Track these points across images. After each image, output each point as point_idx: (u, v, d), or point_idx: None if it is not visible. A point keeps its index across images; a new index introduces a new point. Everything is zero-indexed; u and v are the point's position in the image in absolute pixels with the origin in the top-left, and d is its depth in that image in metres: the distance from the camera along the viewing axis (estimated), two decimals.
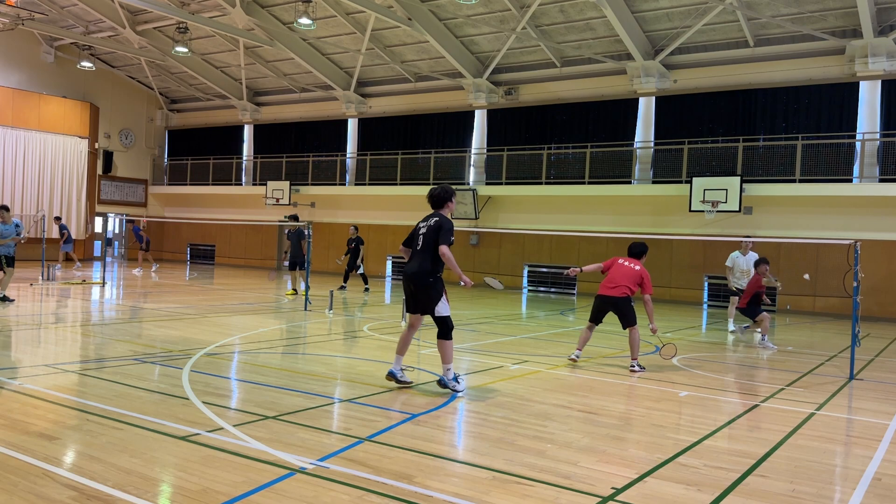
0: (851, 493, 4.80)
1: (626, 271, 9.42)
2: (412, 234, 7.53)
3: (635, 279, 9.35)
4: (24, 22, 25.48)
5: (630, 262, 9.53)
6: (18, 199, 28.87)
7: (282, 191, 28.46)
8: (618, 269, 9.49)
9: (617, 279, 9.37)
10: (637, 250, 9.67)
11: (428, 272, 7.28)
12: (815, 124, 20.18)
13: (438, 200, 7.53)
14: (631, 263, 9.49)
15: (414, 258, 7.43)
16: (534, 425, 6.17)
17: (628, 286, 9.33)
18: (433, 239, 7.24)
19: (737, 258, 13.90)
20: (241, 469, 4.69)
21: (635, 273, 9.38)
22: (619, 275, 9.40)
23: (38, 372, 7.62)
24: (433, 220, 7.38)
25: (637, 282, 9.34)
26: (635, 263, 9.51)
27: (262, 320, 13.15)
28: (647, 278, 9.36)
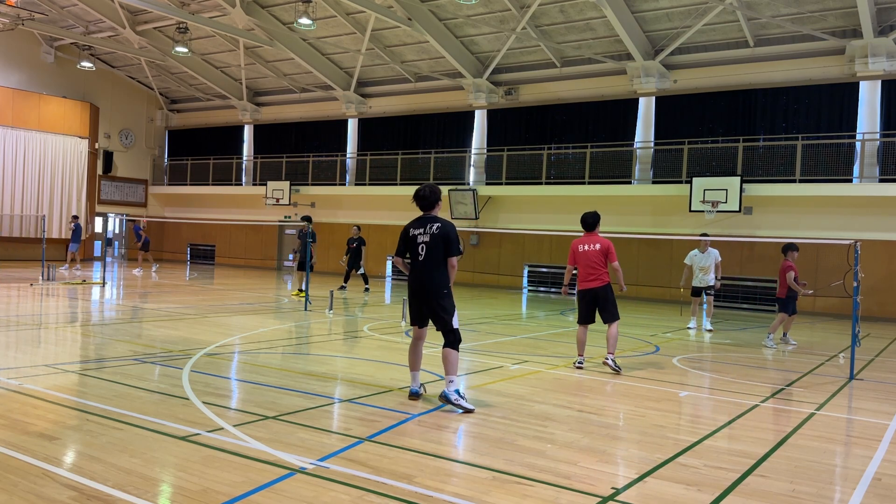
0: (851, 493, 4.80)
1: (590, 256, 9.08)
2: (407, 241, 6.96)
3: (601, 259, 9.06)
4: (24, 22, 25.48)
5: (588, 242, 9.16)
6: (18, 199, 28.88)
7: (282, 191, 28.46)
8: (582, 259, 9.15)
9: (587, 269, 9.09)
10: (591, 221, 9.29)
11: (444, 284, 6.84)
12: (815, 124, 20.18)
13: (429, 202, 6.95)
14: (590, 245, 9.12)
15: (419, 271, 6.87)
16: (534, 425, 6.17)
17: (601, 271, 9.07)
18: (442, 249, 6.80)
19: (694, 256, 14.04)
20: (241, 469, 4.69)
21: (598, 253, 9.06)
22: (586, 263, 9.10)
23: (38, 372, 7.62)
24: (435, 227, 6.83)
25: (603, 261, 9.06)
26: (593, 241, 9.14)
27: (262, 320, 13.15)
28: (611, 249, 9.07)
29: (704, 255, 13.94)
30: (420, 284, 6.87)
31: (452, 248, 6.79)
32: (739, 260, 20.75)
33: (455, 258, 6.84)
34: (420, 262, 6.86)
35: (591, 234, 9.21)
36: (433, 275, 6.81)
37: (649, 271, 22.04)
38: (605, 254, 9.04)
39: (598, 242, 9.09)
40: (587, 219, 9.27)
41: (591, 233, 9.23)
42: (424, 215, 6.99)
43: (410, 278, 6.99)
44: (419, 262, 6.86)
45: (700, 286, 14.11)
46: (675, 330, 14.41)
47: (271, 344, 10.41)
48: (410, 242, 6.93)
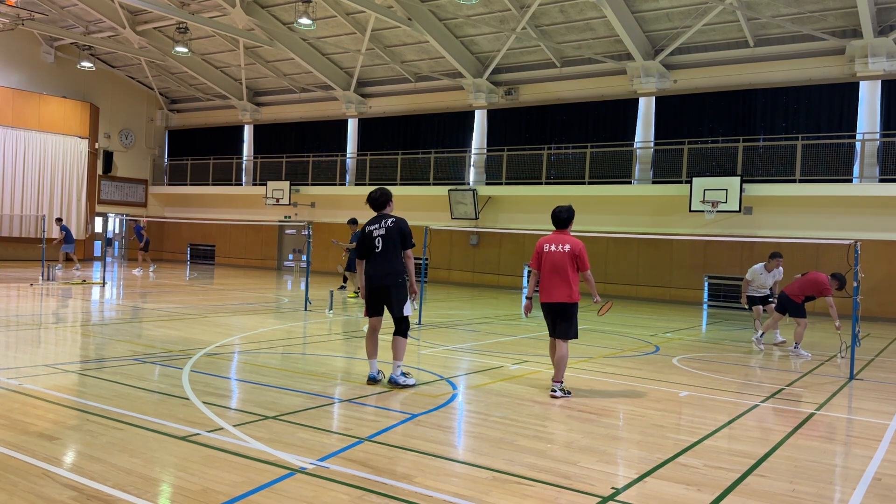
0: (851, 493, 4.81)
1: (557, 260, 7.46)
2: (364, 238, 7.57)
3: (569, 263, 7.43)
4: (24, 22, 25.48)
5: (557, 242, 7.56)
6: (18, 199, 28.88)
7: (282, 191, 28.47)
8: (547, 261, 7.53)
9: (551, 275, 7.49)
10: (564, 216, 7.71)
11: (399, 273, 7.48)
12: (815, 124, 20.18)
13: (380, 203, 7.67)
14: (559, 245, 7.51)
15: (379, 261, 7.46)
16: (534, 425, 6.17)
17: (568, 280, 7.41)
18: (397, 241, 7.45)
19: (760, 274, 12.68)
20: (241, 469, 4.69)
21: (566, 256, 7.43)
22: (551, 268, 7.49)
23: (38, 372, 7.62)
24: (389, 222, 7.52)
25: (572, 267, 7.44)
26: (563, 241, 7.54)
27: (262, 320, 13.15)
28: (582, 253, 7.45)
29: (769, 275, 12.70)
30: (376, 274, 7.48)
31: (407, 241, 7.50)
32: (739, 260, 20.74)
33: (410, 250, 7.53)
34: (377, 253, 7.47)
35: (562, 232, 7.68)
36: (388, 265, 7.45)
37: (649, 271, 22.06)
38: (574, 257, 7.43)
39: (567, 243, 7.50)
40: (559, 213, 7.70)
41: (562, 231, 7.70)
42: (379, 214, 7.67)
43: (368, 270, 7.57)
44: (376, 253, 7.48)
45: (758, 296, 12.86)
46: (676, 330, 14.41)
47: (271, 344, 10.41)
48: (367, 238, 7.55)
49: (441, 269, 25.58)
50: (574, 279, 7.41)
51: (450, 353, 10.10)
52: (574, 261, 7.43)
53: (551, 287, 7.45)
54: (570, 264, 7.41)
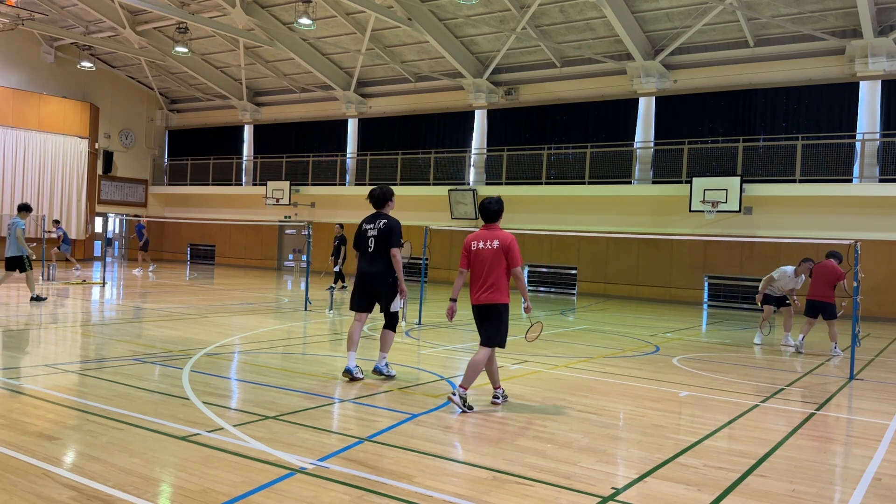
0: (851, 493, 4.80)
1: (485, 257, 6.77)
2: (359, 236, 7.91)
3: (498, 260, 6.72)
4: (24, 22, 25.48)
5: (485, 238, 6.83)
6: (18, 199, 28.82)
7: (282, 191, 28.47)
8: (476, 259, 6.84)
9: (479, 275, 6.82)
10: (493, 209, 6.93)
11: (389, 272, 7.78)
12: (815, 124, 20.18)
13: (380, 201, 7.94)
14: (487, 241, 6.80)
15: (369, 260, 7.81)
16: (534, 425, 6.17)
17: (494, 282, 6.74)
18: (386, 242, 7.72)
19: (789, 277, 12.36)
20: (241, 469, 4.69)
21: (495, 253, 6.73)
22: (479, 267, 6.81)
23: (38, 372, 7.62)
24: (382, 223, 7.79)
25: (502, 264, 6.73)
26: (492, 237, 6.82)
27: (262, 320, 13.15)
28: (513, 248, 6.73)
29: (796, 280, 12.39)
30: (367, 271, 7.81)
31: (393, 241, 7.71)
32: (739, 260, 20.75)
33: (396, 249, 7.70)
34: (369, 252, 7.81)
35: (491, 227, 6.92)
36: (379, 263, 7.76)
37: (649, 271, 22.06)
38: (504, 253, 6.72)
39: (496, 239, 6.78)
40: (488, 205, 6.93)
41: (492, 225, 6.93)
42: (376, 212, 7.93)
43: (360, 266, 7.90)
44: (368, 252, 7.82)
45: (775, 296, 12.69)
46: (676, 330, 14.41)
47: (271, 344, 10.41)
48: (362, 236, 7.88)
49: (441, 269, 25.58)
50: (504, 278, 6.75)
51: (450, 353, 10.10)
52: (502, 256, 6.73)
53: (479, 287, 6.80)
54: (500, 262, 6.73)
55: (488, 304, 6.76)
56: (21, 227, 14.18)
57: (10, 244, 14.23)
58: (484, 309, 6.83)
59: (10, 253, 14.22)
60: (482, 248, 6.81)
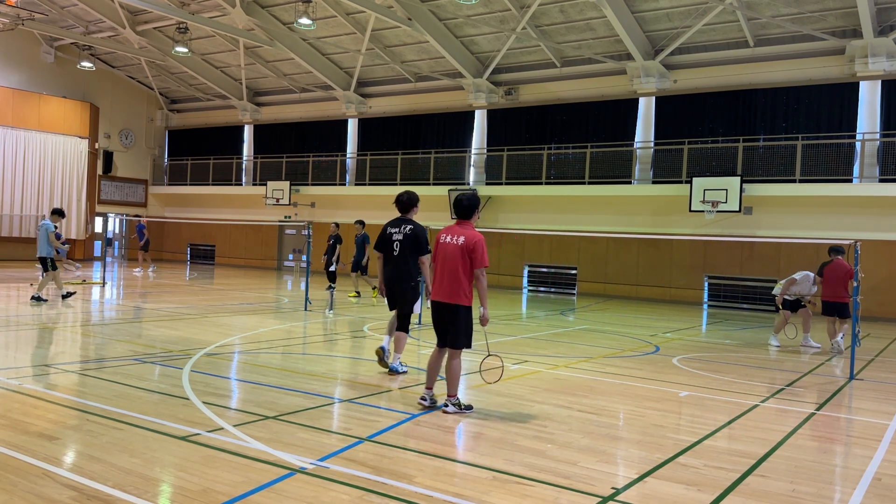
0: (851, 493, 4.81)
1: (449, 253, 6.50)
2: (384, 239, 8.10)
3: (460, 259, 6.44)
4: (24, 22, 25.48)
5: (454, 233, 6.57)
6: (18, 199, 28.88)
7: (282, 191, 28.47)
8: (440, 253, 6.59)
9: (441, 271, 6.57)
10: (465, 204, 6.65)
11: (411, 277, 8.12)
12: (815, 124, 20.18)
13: (407, 205, 8.05)
14: (455, 236, 6.53)
15: (394, 263, 8.07)
16: (534, 425, 6.17)
17: (456, 280, 6.46)
18: (412, 248, 7.98)
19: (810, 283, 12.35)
20: (242, 469, 4.69)
21: (459, 250, 6.45)
22: (442, 263, 6.56)
23: (38, 372, 7.62)
24: (408, 229, 8.01)
25: (464, 263, 6.44)
26: (461, 232, 6.55)
27: (262, 320, 13.15)
28: (478, 248, 6.43)
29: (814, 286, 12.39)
30: (392, 277, 8.11)
31: (422, 249, 7.99)
32: (739, 260, 20.75)
33: (425, 256, 7.93)
34: (394, 256, 8.05)
35: (464, 223, 6.65)
36: (402, 268, 8.05)
37: (649, 271, 22.06)
38: (468, 252, 6.43)
39: (463, 235, 6.50)
40: (461, 201, 6.66)
41: (464, 222, 6.66)
42: (401, 217, 8.11)
43: (385, 270, 8.16)
44: (393, 256, 8.06)
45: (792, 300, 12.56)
46: (676, 330, 14.41)
47: (271, 344, 10.41)
48: (387, 239, 8.08)
49: None
50: (466, 279, 6.46)
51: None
52: (467, 253, 6.41)
53: (440, 283, 6.55)
54: (462, 260, 6.42)
55: (447, 303, 6.51)
56: (51, 230, 14.74)
57: (41, 244, 14.77)
58: (442, 307, 6.56)
59: (39, 253, 14.84)
60: (448, 243, 6.56)
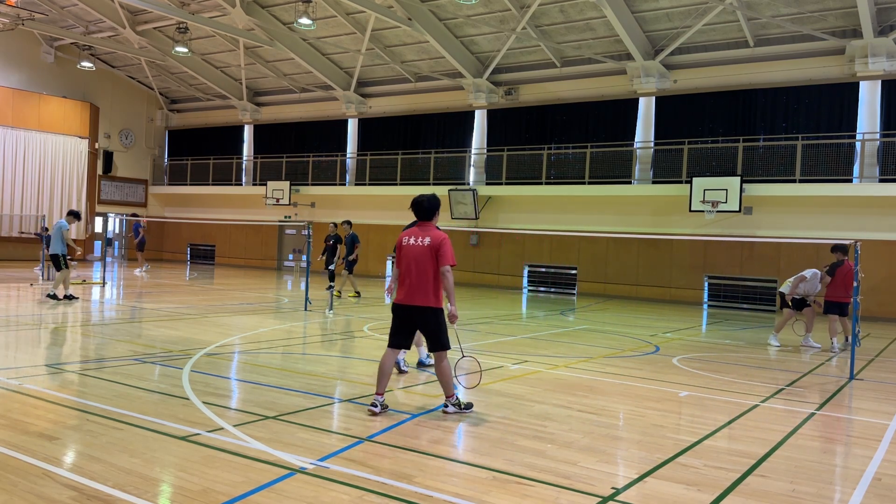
0: (851, 493, 4.81)
1: (415, 255, 6.43)
2: None
3: (429, 260, 6.39)
4: (24, 22, 25.48)
5: (418, 234, 6.52)
6: (18, 199, 28.88)
7: (282, 191, 28.47)
8: (406, 257, 6.51)
9: (408, 273, 6.47)
10: (425, 206, 6.59)
11: None
12: (815, 124, 20.18)
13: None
14: (419, 238, 6.49)
15: None
16: (534, 425, 6.17)
17: (426, 282, 6.40)
18: None
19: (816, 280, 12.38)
20: (242, 469, 4.69)
21: (426, 251, 6.40)
22: (408, 265, 6.47)
23: (38, 372, 7.62)
24: None
25: (433, 264, 6.39)
26: (424, 234, 6.50)
27: (262, 320, 13.15)
28: (444, 247, 6.39)
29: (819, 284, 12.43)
30: None
31: None
32: (739, 260, 20.76)
33: None
34: None
35: (425, 224, 6.60)
36: None
37: (649, 271, 22.06)
38: (435, 251, 6.38)
39: (428, 236, 6.46)
40: (420, 202, 6.59)
41: (426, 223, 6.61)
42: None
43: None
44: None
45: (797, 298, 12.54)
46: (675, 330, 14.41)
47: (271, 344, 10.41)
48: None
49: None
50: (435, 280, 6.39)
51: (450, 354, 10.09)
52: (433, 254, 6.36)
53: (408, 287, 6.42)
54: (431, 260, 6.36)
55: (417, 306, 6.37)
56: (66, 229, 15.17)
57: (54, 243, 15.12)
58: (413, 311, 6.42)
59: (52, 251, 15.20)
60: (413, 245, 6.46)
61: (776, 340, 12.59)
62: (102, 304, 15.37)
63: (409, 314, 6.46)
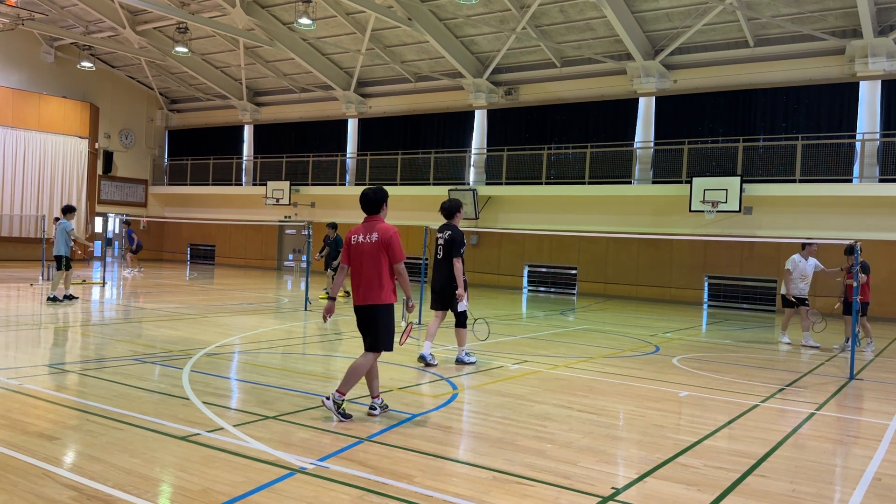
0: (851, 493, 4.81)
1: (364, 253, 6.19)
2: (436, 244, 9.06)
3: (379, 256, 6.14)
4: (24, 22, 25.48)
5: (365, 231, 6.26)
6: (18, 199, 28.88)
7: (282, 191, 28.47)
8: (355, 255, 6.24)
9: (358, 273, 6.22)
10: (372, 199, 6.36)
11: (453, 278, 8.87)
12: (815, 124, 20.18)
13: (450, 212, 9.00)
14: (367, 234, 6.22)
15: (438, 267, 9.02)
16: (534, 425, 6.17)
17: (376, 279, 6.13)
18: (449, 251, 8.85)
19: (799, 262, 12.57)
20: (241, 469, 4.69)
21: (374, 248, 6.15)
22: (358, 264, 6.21)
23: (38, 372, 7.62)
24: (448, 234, 8.90)
25: (383, 260, 6.15)
26: (372, 228, 6.24)
27: (262, 320, 13.15)
28: (393, 242, 6.16)
29: (809, 263, 12.55)
30: (437, 278, 9.00)
31: (455, 250, 8.83)
32: (739, 260, 20.75)
33: (456, 258, 8.80)
34: (438, 260, 8.98)
35: (372, 219, 6.33)
36: (446, 271, 8.91)
37: (649, 271, 22.06)
38: (384, 248, 6.16)
39: (375, 231, 6.20)
40: (367, 196, 6.38)
41: (373, 217, 6.34)
42: (446, 223, 9.03)
43: (433, 272, 9.10)
44: (438, 260, 8.99)
45: (799, 296, 12.61)
46: (675, 330, 14.41)
47: (271, 344, 10.41)
48: (434, 244, 9.07)
49: None
50: (386, 275, 6.16)
51: (450, 354, 10.09)
52: (382, 251, 6.14)
53: (359, 286, 6.21)
54: (381, 257, 6.13)
55: (368, 304, 6.16)
56: (69, 228, 15.15)
57: (58, 244, 15.02)
58: (364, 310, 6.21)
59: (56, 252, 15.08)
60: (362, 243, 6.20)
61: (786, 338, 12.84)
62: (102, 304, 15.37)
63: (363, 313, 6.25)
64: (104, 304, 15.42)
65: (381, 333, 6.17)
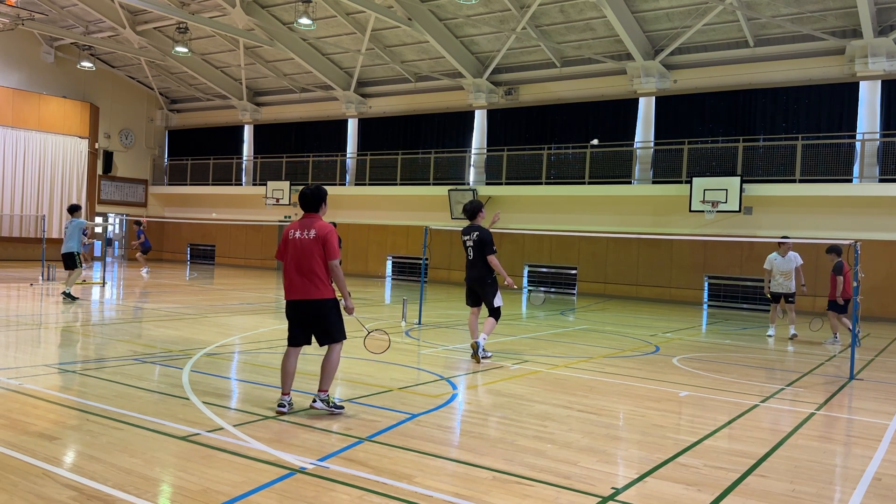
0: (851, 493, 4.81)
1: (302, 249, 6.22)
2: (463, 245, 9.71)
3: (316, 252, 6.19)
4: (24, 22, 25.48)
5: (303, 227, 6.29)
6: (18, 199, 28.89)
7: (282, 191, 28.48)
8: (292, 251, 6.26)
9: (296, 268, 6.24)
10: (310, 198, 6.39)
11: (485, 276, 9.45)
12: (815, 124, 20.18)
13: (472, 213, 9.64)
14: (305, 230, 6.25)
15: (470, 266, 9.59)
16: (534, 425, 6.17)
17: (315, 275, 6.19)
18: (481, 251, 9.41)
19: (774, 260, 13.21)
20: (242, 469, 4.69)
21: (312, 244, 6.19)
22: (296, 259, 6.23)
23: (38, 372, 7.62)
24: (475, 235, 9.49)
25: (321, 256, 6.20)
26: (310, 225, 6.28)
27: (262, 320, 13.15)
28: (330, 238, 6.22)
29: (785, 260, 13.13)
30: (469, 275, 9.64)
31: (487, 249, 9.41)
32: (739, 260, 20.75)
33: (492, 255, 9.40)
34: (469, 260, 9.61)
35: (311, 216, 6.38)
36: (477, 271, 9.50)
37: (649, 271, 22.06)
38: (322, 243, 6.20)
39: (313, 228, 6.24)
40: (305, 193, 6.42)
41: (311, 214, 6.39)
42: (470, 224, 9.64)
43: (466, 272, 9.73)
44: (469, 259, 9.61)
45: (780, 291, 13.28)
46: (675, 330, 14.41)
47: (271, 344, 10.41)
48: (463, 246, 9.72)
49: (441, 269, 25.57)
50: (324, 271, 6.22)
51: (450, 353, 10.10)
52: (321, 248, 6.19)
53: (297, 281, 6.22)
54: (318, 253, 6.18)
55: (311, 299, 6.18)
56: (85, 225, 15.46)
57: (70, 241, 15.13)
58: (305, 305, 6.21)
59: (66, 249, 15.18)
60: (299, 238, 6.23)
61: (772, 330, 13.56)
62: (102, 303, 15.37)
63: (306, 309, 6.24)
64: (104, 303, 15.41)
65: (333, 326, 6.28)
